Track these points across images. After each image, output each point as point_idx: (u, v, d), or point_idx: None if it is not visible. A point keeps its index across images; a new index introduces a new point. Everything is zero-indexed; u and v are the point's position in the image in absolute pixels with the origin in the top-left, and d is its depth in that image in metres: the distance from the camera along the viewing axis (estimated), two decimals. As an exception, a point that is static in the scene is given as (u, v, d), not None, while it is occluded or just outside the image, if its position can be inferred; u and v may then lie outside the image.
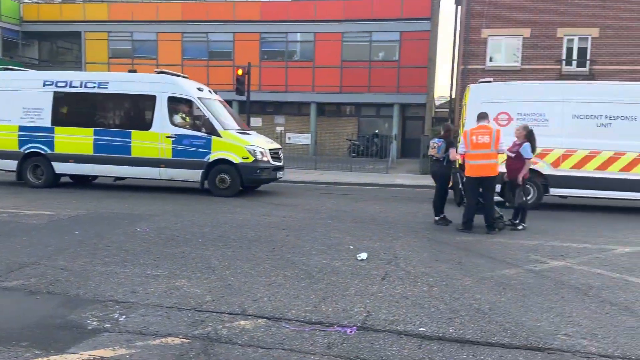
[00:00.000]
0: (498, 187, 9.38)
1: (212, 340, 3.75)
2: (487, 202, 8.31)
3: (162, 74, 12.33)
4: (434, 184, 9.40)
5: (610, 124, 10.92)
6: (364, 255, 6.34)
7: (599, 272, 5.94)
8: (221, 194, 11.70)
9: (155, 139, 11.89)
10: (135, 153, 12.02)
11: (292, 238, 7.38)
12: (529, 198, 10.76)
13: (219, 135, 11.69)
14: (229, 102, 30.40)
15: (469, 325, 4.18)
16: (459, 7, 23.95)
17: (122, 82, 12.35)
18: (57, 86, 12.42)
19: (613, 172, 10.84)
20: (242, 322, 4.11)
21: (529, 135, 8.64)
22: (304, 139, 26.16)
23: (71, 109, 12.54)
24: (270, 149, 12.36)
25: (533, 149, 8.63)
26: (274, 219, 8.98)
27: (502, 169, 8.87)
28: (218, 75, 29.21)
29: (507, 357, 3.61)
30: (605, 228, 9.10)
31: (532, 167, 10.15)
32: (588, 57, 20.43)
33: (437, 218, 9.10)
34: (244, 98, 19.24)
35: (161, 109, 11.90)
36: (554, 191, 11.24)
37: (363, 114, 30.34)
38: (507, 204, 8.83)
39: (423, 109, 28.70)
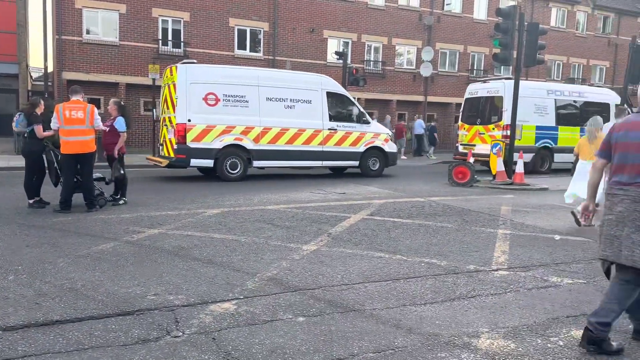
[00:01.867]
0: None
1: None
2: (85, 180, 8.11)
3: None
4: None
5: (294, 106, 13.22)
6: None
7: (189, 234, 6.69)
8: None
9: None
10: None
11: None
12: (236, 171, 12.57)
13: None
14: None
15: (58, 305, 4.05)
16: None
17: None
18: None
19: (298, 145, 13.30)
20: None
21: (121, 110, 8.81)
22: None
23: None
24: None
25: (128, 124, 8.85)
26: None
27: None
28: None
29: (97, 327, 3.69)
30: (198, 195, 10.23)
31: (239, 143, 12.54)
32: (182, 39, 22.06)
33: (31, 201, 8.32)
34: None
35: None
36: (256, 164, 13.01)
37: None
38: (106, 180, 8.82)
39: (16, 81, 25.25)
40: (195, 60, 13.55)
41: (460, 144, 17.79)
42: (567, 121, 17.41)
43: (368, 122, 14.58)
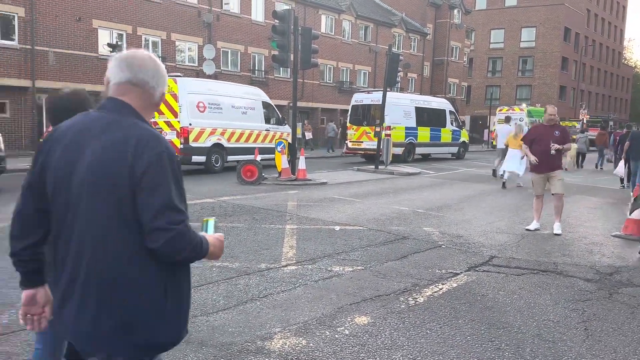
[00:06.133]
0: None
1: None
2: None
3: None
4: None
5: (247, 112, 16.62)
6: None
7: None
8: None
9: None
10: None
11: None
12: (218, 165, 15.31)
13: None
14: None
15: None
16: None
17: None
18: None
19: (251, 143, 16.23)
20: None
21: None
22: None
23: None
24: None
25: None
26: None
27: None
28: None
29: None
30: None
31: (220, 142, 15.59)
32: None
33: None
34: None
35: None
36: (229, 158, 15.70)
37: None
38: None
39: None
40: (181, 74, 16.35)
41: (350, 141, 21.87)
42: (423, 123, 22.83)
43: (284, 124, 18.16)
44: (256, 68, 29.36)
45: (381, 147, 17.63)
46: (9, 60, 19.91)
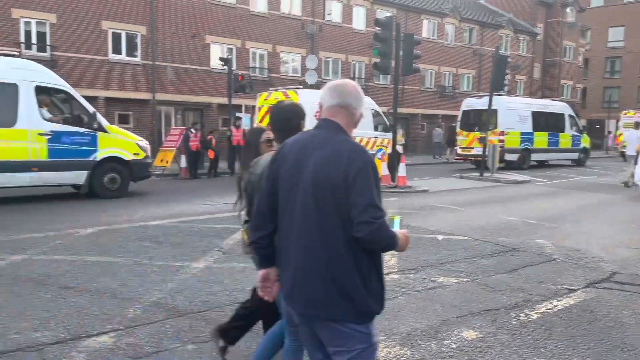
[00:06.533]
0: None
1: None
2: None
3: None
4: None
5: None
6: None
7: (59, 259, 5.98)
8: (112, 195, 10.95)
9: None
10: None
11: None
12: None
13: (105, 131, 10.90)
14: None
15: None
16: None
17: None
18: None
19: None
20: None
21: None
22: None
23: None
24: None
25: None
26: None
27: None
28: None
29: (-61, 383, 3.09)
30: (70, 213, 9.30)
31: None
32: (48, 43, 20.19)
33: None
34: None
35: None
36: None
37: None
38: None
39: None
40: (301, 86, 16.81)
41: (459, 147, 21.40)
42: (540, 127, 21.53)
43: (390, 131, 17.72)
44: (356, 76, 29.57)
45: (486, 153, 16.96)
46: (133, 75, 21.88)
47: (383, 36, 13.28)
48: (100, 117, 11.14)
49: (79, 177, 10.78)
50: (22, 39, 19.76)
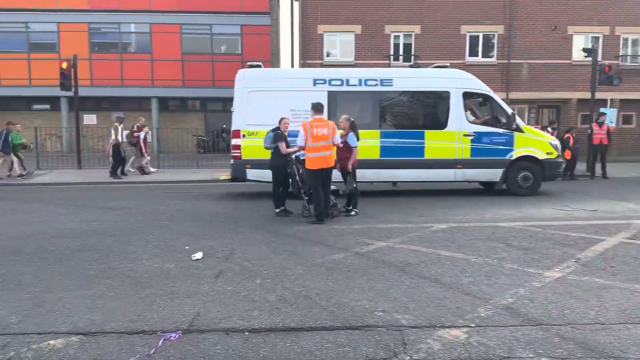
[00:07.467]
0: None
1: (12, 368, 3.35)
2: (326, 192, 8.61)
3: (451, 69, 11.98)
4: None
5: None
6: (199, 255, 6.20)
7: (416, 249, 6.54)
8: (523, 192, 11.59)
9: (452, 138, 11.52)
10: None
11: (121, 244, 6.94)
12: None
13: (521, 131, 11.59)
14: (55, 99, 27.76)
15: (295, 312, 4.30)
16: (295, 3, 24.57)
17: (409, 78, 11.82)
18: (330, 84, 11.39)
19: None
20: (52, 342, 3.74)
21: (352, 126, 9.14)
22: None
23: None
24: None
25: (357, 138, 9.17)
26: (104, 225, 8.36)
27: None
28: (41, 69, 26.32)
29: (328, 339, 3.78)
30: (426, 208, 10.04)
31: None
32: (412, 52, 22.35)
33: (277, 210, 9.24)
34: (71, 93, 17.59)
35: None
36: None
37: (209, 108, 29.69)
38: (340, 191, 9.28)
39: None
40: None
41: None
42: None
43: None
44: None
45: None
46: (488, 76, 22.08)
47: None
48: (518, 119, 11.75)
49: (496, 174, 11.66)
50: (391, 51, 22.44)
